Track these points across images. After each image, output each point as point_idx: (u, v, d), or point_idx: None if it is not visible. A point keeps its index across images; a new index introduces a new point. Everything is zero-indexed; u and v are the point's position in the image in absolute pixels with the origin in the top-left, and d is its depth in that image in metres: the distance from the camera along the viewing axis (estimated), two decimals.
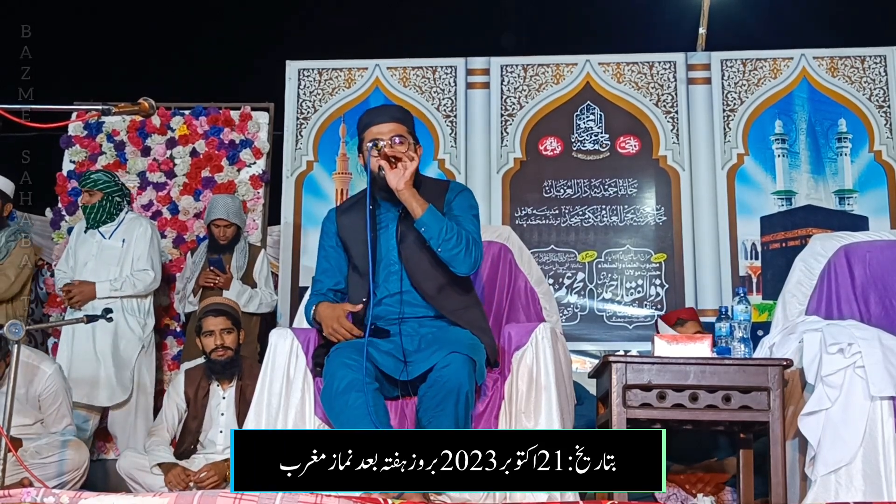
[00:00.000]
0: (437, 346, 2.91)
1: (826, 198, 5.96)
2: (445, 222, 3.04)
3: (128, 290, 5.06)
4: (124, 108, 2.78)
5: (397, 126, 3.14)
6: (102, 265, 5.09)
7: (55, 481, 3.91)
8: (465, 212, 3.18)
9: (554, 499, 2.76)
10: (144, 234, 5.15)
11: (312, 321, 3.19)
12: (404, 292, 3.11)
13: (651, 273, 5.94)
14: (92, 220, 5.16)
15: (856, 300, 3.44)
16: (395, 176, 3.03)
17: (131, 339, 5.06)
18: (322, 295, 3.24)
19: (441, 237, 3.01)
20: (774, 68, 6.15)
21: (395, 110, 3.26)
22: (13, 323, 3.38)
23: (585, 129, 6.17)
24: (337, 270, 3.28)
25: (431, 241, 3.03)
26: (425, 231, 3.03)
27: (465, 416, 2.83)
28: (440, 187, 3.27)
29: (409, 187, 3.03)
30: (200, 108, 6.25)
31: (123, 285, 5.05)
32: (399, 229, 3.14)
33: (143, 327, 5.14)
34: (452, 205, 3.19)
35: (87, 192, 5.16)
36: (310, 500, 2.24)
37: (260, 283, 5.43)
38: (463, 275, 3.10)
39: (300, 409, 3.04)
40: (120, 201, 5.20)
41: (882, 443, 2.87)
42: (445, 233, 3.02)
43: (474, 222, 3.18)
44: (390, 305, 3.12)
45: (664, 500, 3.59)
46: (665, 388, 3.02)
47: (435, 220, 3.03)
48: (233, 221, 5.37)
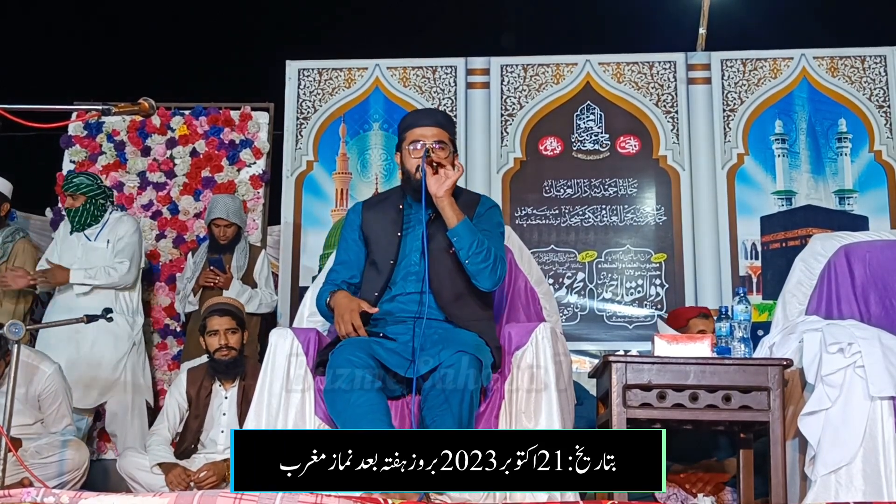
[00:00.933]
0: (444, 345, 2.92)
1: (826, 198, 5.96)
2: (478, 236, 3.08)
3: (101, 279, 4.99)
4: (124, 108, 2.78)
5: (440, 131, 3.17)
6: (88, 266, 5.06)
7: (55, 481, 3.91)
8: (493, 228, 3.22)
9: (554, 499, 2.76)
10: (127, 230, 5.12)
11: (325, 307, 3.20)
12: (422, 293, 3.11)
13: (651, 273, 5.94)
14: (77, 224, 5.12)
15: (856, 300, 3.44)
16: (437, 182, 3.06)
17: (122, 337, 5.01)
18: (336, 285, 3.24)
19: (472, 250, 3.05)
20: (774, 68, 6.15)
21: (441, 115, 3.30)
22: (13, 323, 3.39)
23: (585, 129, 6.17)
24: (354, 264, 3.29)
25: (461, 252, 3.06)
26: (457, 241, 3.06)
27: (469, 416, 2.84)
28: (472, 199, 3.30)
29: (449, 196, 3.07)
30: (200, 108, 6.25)
31: (97, 273, 4.98)
32: (426, 232, 3.13)
33: (132, 325, 5.09)
34: (482, 219, 3.21)
35: (71, 196, 5.12)
36: (310, 500, 2.24)
37: (260, 284, 5.42)
38: (485, 290, 3.13)
39: (300, 409, 3.04)
40: (103, 203, 5.17)
41: (882, 443, 2.87)
42: (476, 246, 3.05)
43: (500, 240, 3.24)
44: (403, 304, 3.13)
45: (664, 500, 3.59)
46: (665, 388, 3.02)
47: (468, 232, 3.06)
48: (233, 221, 5.37)
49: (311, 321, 3.48)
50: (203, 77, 7.99)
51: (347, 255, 3.31)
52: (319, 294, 3.28)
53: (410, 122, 3.22)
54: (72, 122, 6.10)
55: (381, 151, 6.20)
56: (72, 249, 5.13)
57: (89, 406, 4.96)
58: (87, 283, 4.97)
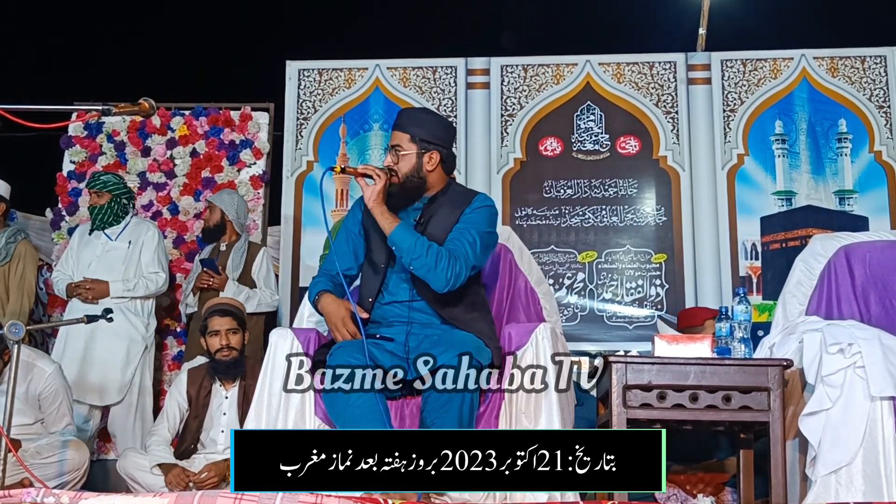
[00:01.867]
0: (443, 346, 2.92)
1: (826, 198, 5.96)
2: (416, 238, 3.01)
3: (140, 292, 5.12)
4: (124, 109, 2.78)
5: (395, 135, 3.16)
6: (106, 266, 5.11)
7: (55, 481, 3.91)
8: (469, 226, 3.12)
9: (554, 499, 2.76)
10: (152, 237, 5.23)
11: (314, 306, 3.20)
12: (413, 300, 3.11)
13: (651, 273, 5.94)
14: (98, 222, 5.19)
15: (856, 300, 3.44)
16: (366, 193, 3.05)
17: (136, 339, 5.09)
18: (331, 278, 3.21)
19: (412, 254, 2.99)
20: (774, 68, 6.15)
21: (403, 116, 3.24)
22: (13, 323, 3.38)
23: (585, 130, 6.17)
24: (352, 255, 3.27)
25: (402, 258, 3.03)
26: (396, 249, 3.03)
27: (469, 417, 2.84)
28: (464, 198, 3.21)
29: (379, 204, 3.03)
30: (200, 109, 6.25)
31: (136, 286, 5.11)
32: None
33: (147, 327, 5.18)
34: (465, 217, 3.14)
35: (96, 193, 5.20)
36: (310, 501, 2.24)
37: (259, 283, 5.38)
38: (438, 291, 3.03)
39: (300, 409, 3.04)
40: (126, 203, 5.27)
41: (882, 443, 2.87)
42: (417, 249, 2.99)
43: (473, 238, 3.09)
44: (398, 309, 3.13)
45: (664, 501, 3.59)
46: (665, 389, 3.02)
47: (405, 235, 3.01)
48: (217, 206, 5.39)
49: (312, 321, 3.48)
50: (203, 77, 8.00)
51: (346, 247, 3.28)
52: (311, 285, 3.26)
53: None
54: (72, 123, 6.10)
55: (381, 152, 6.19)
56: (90, 248, 5.19)
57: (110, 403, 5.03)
58: (126, 296, 5.08)
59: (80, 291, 5.04)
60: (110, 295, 5.03)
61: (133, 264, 5.15)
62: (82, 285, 5.04)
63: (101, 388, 4.96)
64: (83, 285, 5.04)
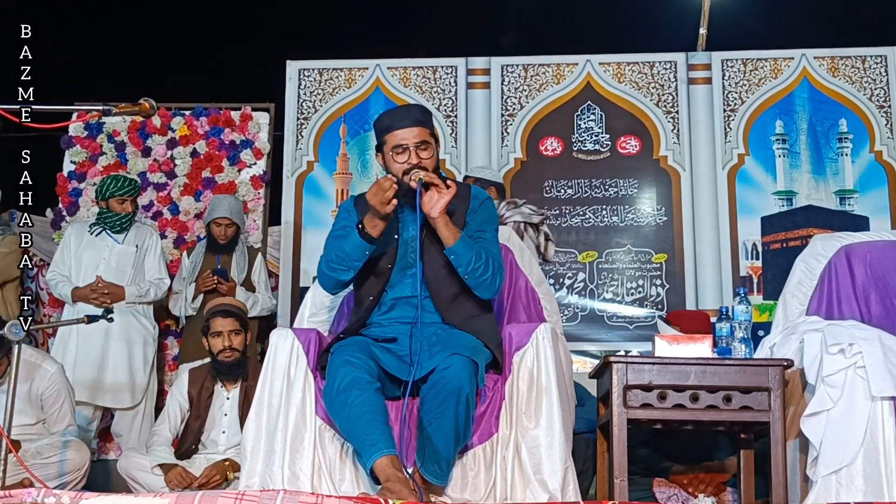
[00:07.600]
0: (440, 347, 2.92)
1: (827, 198, 5.96)
2: (475, 250, 3.01)
3: (150, 297, 5.23)
4: (125, 109, 2.78)
5: (421, 130, 3.07)
6: (117, 270, 5.13)
7: (56, 482, 3.91)
8: (487, 226, 3.15)
9: (554, 499, 2.76)
10: (156, 242, 5.33)
11: (345, 247, 3.06)
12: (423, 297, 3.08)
13: (652, 273, 5.94)
14: (110, 225, 5.19)
15: (856, 300, 3.44)
16: (429, 202, 2.97)
17: (149, 341, 5.18)
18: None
19: (470, 266, 3.00)
20: (775, 68, 6.15)
21: (417, 112, 3.17)
22: (13, 323, 3.38)
23: (586, 129, 6.17)
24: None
25: (460, 268, 3.01)
26: (455, 259, 3.01)
27: (466, 418, 2.83)
28: (463, 191, 3.19)
29: (443, 215, 2.99)
30: (201, 109, 6.25)
31: (147, 292, 5.19)
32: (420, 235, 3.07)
33: (154, 328, 5.26)
34: (476, 215, 3.15)
35: (130, 199, 5.24)
36: (310, 501, 2.24)
37: (259, 288, 5.42)
38: (485, 299, 3.09)
39: (301, 409, 3.04)
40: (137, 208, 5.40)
41: (883, 443, 2.87)
42: (475, 261, 3.00)
43: (495, 239, 3.17)
44: (401, 309, 3.11)
45: (664, 501, 3.59)
46: (666, 389, 3.02)
47: (466, 248, 3.00)
48: (235, 221, 5.37)
49: (312, 321, 3.48)
50: (203, 77, 7.99)
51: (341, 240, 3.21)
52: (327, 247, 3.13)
53: (388, 123, 3.10)
54: (72, 123, 6.09)
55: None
56: (95, 250, 5.17)
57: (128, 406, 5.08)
58: (138, 301, 5.15)
59: (94, 297, 5.01)
60: (125, 300, 5.07)
61: (140, 269, 5.22)
62: (97, 290, 5.02)
63: (118, 390, 5.00)
64: (98, 290, 5.02)
